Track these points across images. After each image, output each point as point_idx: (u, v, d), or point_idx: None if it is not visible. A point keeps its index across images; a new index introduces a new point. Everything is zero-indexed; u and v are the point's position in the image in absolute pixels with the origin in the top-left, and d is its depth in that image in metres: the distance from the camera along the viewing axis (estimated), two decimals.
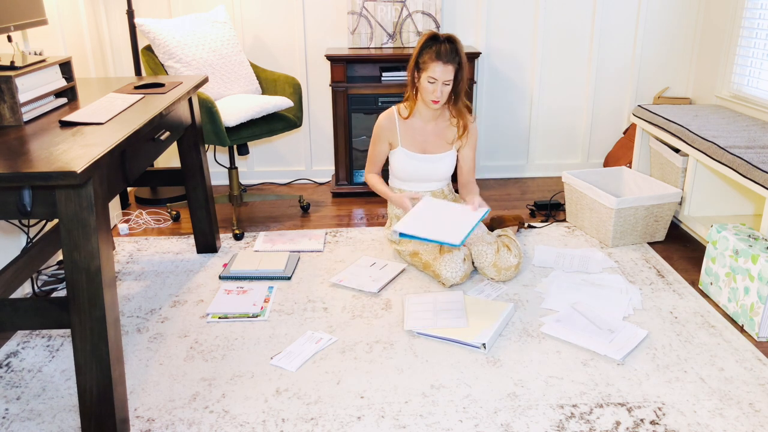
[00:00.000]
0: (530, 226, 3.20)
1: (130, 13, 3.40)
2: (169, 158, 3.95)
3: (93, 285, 1.66)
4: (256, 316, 2.40)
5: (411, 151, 2.75)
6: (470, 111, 2.78)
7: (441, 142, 2.76)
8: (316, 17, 3.70)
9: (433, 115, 2.73)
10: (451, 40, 2.55)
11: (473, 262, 2.66)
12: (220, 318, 2.40)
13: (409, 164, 2.75)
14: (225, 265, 2.79)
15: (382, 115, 2.76)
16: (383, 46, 3.68)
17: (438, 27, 3.66)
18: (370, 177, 2.86)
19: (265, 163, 3.98)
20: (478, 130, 2.87)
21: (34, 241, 2.48)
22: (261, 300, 2.51)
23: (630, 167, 3.61)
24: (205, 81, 2.67)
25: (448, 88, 2.59)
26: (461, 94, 2.65)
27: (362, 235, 3.13)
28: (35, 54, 2.64)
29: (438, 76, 2.53)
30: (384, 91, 3.54)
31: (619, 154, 3.80)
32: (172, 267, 2.83)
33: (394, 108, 2.77)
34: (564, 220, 3.31)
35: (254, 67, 3.46)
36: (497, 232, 2.84)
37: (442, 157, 2.76)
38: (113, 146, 1.70)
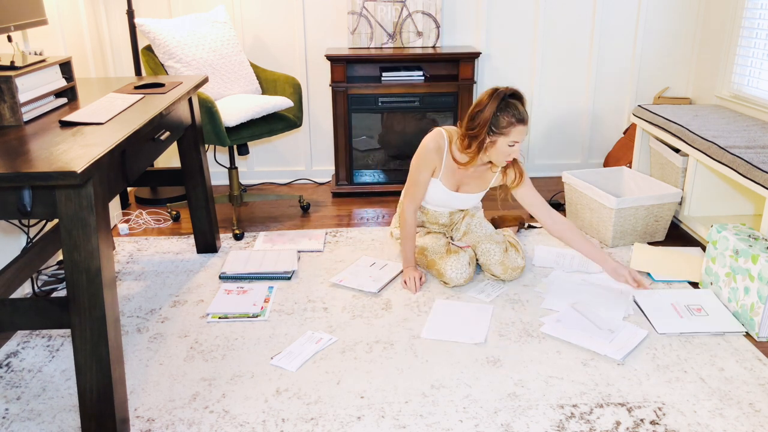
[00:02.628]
0: (530, 226, 3.20)
1: (130, 13, 3.40)
2: (169, 158, 3.95)
3: (93, 285, 1.66)
4: (256, 316, 2.40)
5: (446, 187, 2.61)
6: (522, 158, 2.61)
7: (478, 184, 2.65)
8: (316, 17, 3.70)
9: (488, 165, 2.59)
10: (521, 98, 2.39)
11: (477, 261, 2.67)
12: (220, 318, 2.40)
13: (441, 197, 2.64)
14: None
15: (430, 141, 2.52)
16: (383, 46, 3.68)
17: (438, 27, 3.66)
18: (410, 216, 2.62)
19: (265, 163, 3.99)
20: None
21: (34, 241, 2.48)
22: (261, 300, 2.51)
23: (630, 167, 3.61)
24: (205, 81, 2.67)
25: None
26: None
27: (362, 235, 3.13)
28: (35, 54, 2.64)
29: (519, 138, 2.38)
30: (384, 91, 3.54)
31: (619, 154, 3.80)
32: (172, 267, 2.83)
33: (445, 136, 2.53)
34: None
35: (254, 67, 3.46)
36: (498, 232, 2.84)
37: (475, 197, 2.68)
38: (113, 146, 1.70)
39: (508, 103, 2.34)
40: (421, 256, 2.71)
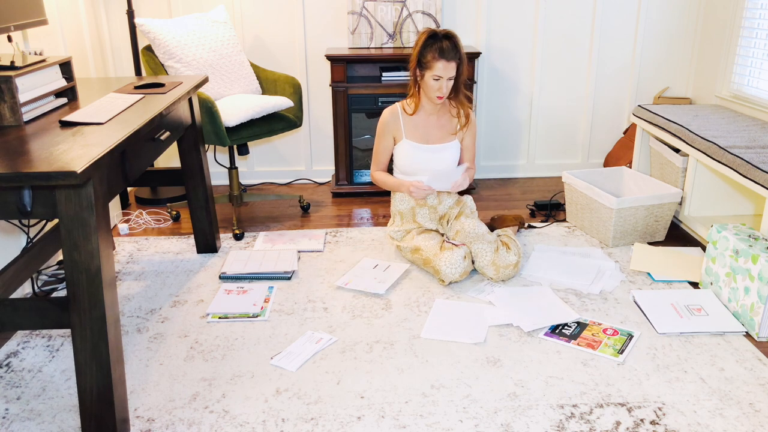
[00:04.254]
0: (530, 226, 3.20)
1: (130, 13, 3.40)
2: (169, 158, 3.95)
3: (93, 285, 1.66)
4: (256, 316, 2.40)
5: (415, 141, 2.77)
6: (470, 101, 2.82)
7: (443, 134, 2.79)
8: (316, 17, 3.70)
9: (435, 108, 2.76)
10: (450, 36, 2.59)
11: (473, 262, 2.67)
12: (220, 318, 2.40)
13: (413, 155, 2.77)
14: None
15: (386, 111, 2.79)
16: (383, 46, 3.68)
17: (438, 27, 3.66)
18: (377, 174, 2.87)
19: (265, 163, 3.98)
20: (476, 120, 2.93)
21: (34, 241, 2.48)
22: (261, 300, 2.51)
23: (630, 167, 3.61)
24: (205, 81, 2.67)
25: (451, 83, 2.64)
26: (461, 87, 2.70)
27: (362, 235, 3.13)
28: (35, 54, 2.64)
29: (442, 73, 2.58)
30: (384, 91, 3.54)
31: (619, 154, 3.80)
32: (172, 267, 2.83)
33: (398, 104, 2.80)
34: (564, 220, 3.31)
35: (254, 67, 3.46)
36: (497, 232, 2.84)
37: (445, 147, 2.78)
38: (113, 146, 1.70)
39: (435, 39, 2.58)
40: (416, 255, 2.72)
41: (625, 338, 2.24)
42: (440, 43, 2.57)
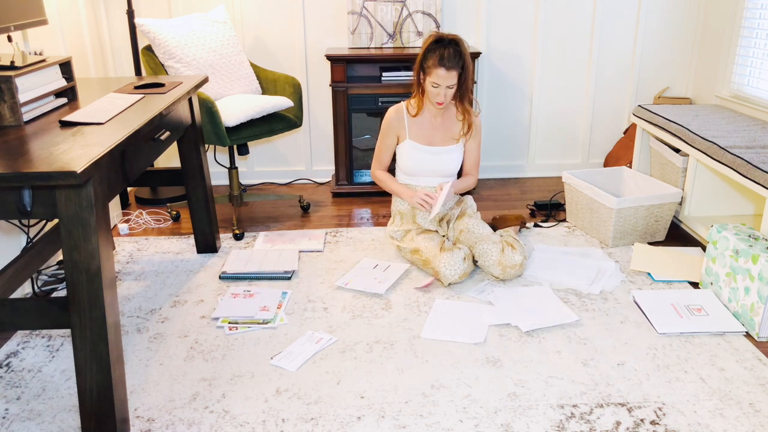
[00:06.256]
0: (536, 225, 3.20)
1: (130, 13, 3.40)
2: (169, 158, 3.95)
3: (93, 285, 1.66)
4: (267, 322, 2.37)
5: (418, 142, 2.75)
6: (473, 105, 2.78)
7: (447, 137, 2.77)
8: (316, 17, 3.70)
9: (439, 110, 2.74)
10: (455, 43, 2.54)
11: (476, 262, 2.67)
12: (230, 323, 2.35)
13: (416, 156, 2.76)
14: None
15: (391, 110, 2.77)
16: (383, 46, 3.68)
17: (438, 27, 3.66)
18: (378, 173, 2.86)
19: (265, 163, 3.98)
20: (482, 124, 2.89)
21: (34, 241, 2.48)
22: (274, 305, 2.46)
23: (630, 167, 3.61)
24: (205, 81, 2.67)
25: (452, 91, 2.60)
26: (466, 94, 2.66)
27: (362, 235, 3.13)
28: (35, 54, 2.64)
29: (440, 81, 2.54)
30: (384, 91, 3.54)
31: (620, 154, 3.80)
32: (172, 267, 2.83)
33: (402, 103, 2.78)
34: (564, 220, 3.31)
35: (254, 67, 3.46)
36: (499, 232, 2.84)
37: (448, 150, 2.76)
38: (113, 146, 1.70)
39: (439, 45, 2.53)
40: (416, 256, 2.72)
41: None
42: (443, 49, 2.52)
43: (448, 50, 2.51)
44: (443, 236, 2.84)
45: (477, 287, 2.61)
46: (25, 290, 2.61)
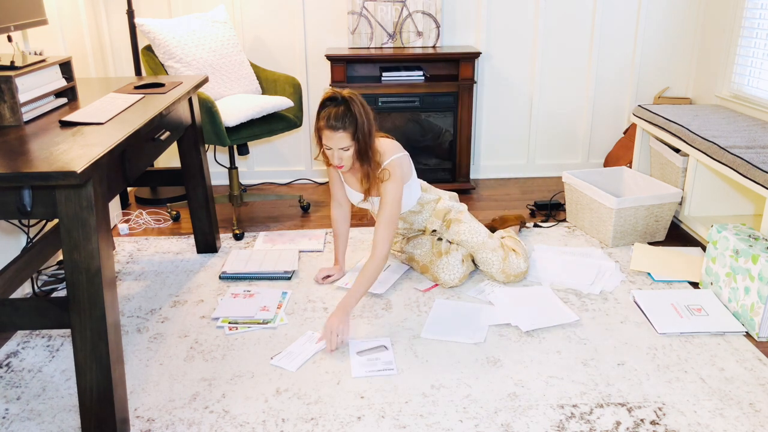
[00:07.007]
0: (536, 225, 3.20)
1: (130, 13, 3.40)
2: (169, 158, 3.95)
3: (93, 285, 1.66)
4: (267, 322, 2.37)
5: (352, 188, 2.54)
6: (380, 163, 2.38)
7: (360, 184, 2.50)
8: (316, 17, 3.70)
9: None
10: (345, 102, 2.22)
11: (476, 265, 2.66)
12: (230, 323, 2.36)
13: (354, 199, 2.57)
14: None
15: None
16: (383, 46, 3.68)
17: (438, 27, 3.66)
18: (332, 212, 2.67)
19: (265, 163, 3.99)
20: (400, 163, 2.39)
21: (34, 241, 2.48)
22: (274, 306, 2.46)
23: (630, 167, 3.61)
24: (205, 81, 2.67)
25: (349, 153, 2.27)
26: (367, 153, 2.30)
27: (362, 235, 3.13)
28: (35, 54, 2.64)
29: (330, 143, 2.25)
30: (384, 91, 3.54)
31: (620, 154, 3.80)
32: (172, 267, 2.83)
33: None
34: (564, 220, 3.31)
35: (254, 67, 3.46)
36: (500, 233, 2.84)
37: (374, 201, 2.52)
38: (113, 146, 1.70)
39: (326, 105, 2.24)
40: (413, 263, 2.71)
41: None
42: (329, 109, 2.22)
43: (336, 110, 2.21)
44: (433, 233, 2.71)
45: (477, 287, 2.61)
46: (25, 290, 2.61)
